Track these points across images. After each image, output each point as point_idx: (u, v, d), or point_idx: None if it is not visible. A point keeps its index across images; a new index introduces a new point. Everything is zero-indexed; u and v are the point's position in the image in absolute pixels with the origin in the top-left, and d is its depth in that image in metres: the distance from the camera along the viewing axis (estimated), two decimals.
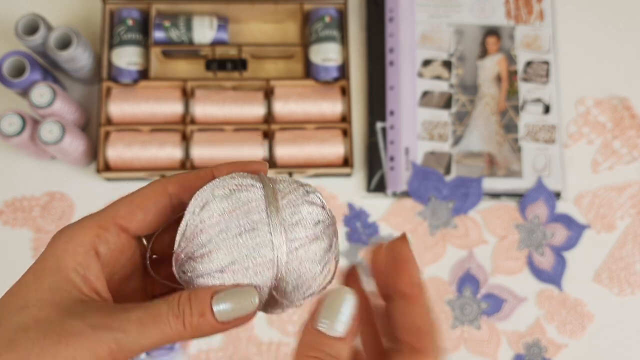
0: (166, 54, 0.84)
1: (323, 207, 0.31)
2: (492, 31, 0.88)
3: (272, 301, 0.30)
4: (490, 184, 0.83)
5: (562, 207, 0.84)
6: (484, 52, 0.87)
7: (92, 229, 0.29)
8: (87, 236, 0.29)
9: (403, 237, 0.30)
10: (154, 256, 0.33)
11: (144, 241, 0.33)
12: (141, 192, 0.31)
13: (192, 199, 0.30)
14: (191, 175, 0.31)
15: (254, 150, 0.80)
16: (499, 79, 0.86)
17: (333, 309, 0.27)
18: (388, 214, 0.83)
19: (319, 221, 0.30)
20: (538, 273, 0.82)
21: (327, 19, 0.83)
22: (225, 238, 0.28)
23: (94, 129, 0.83)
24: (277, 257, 0.28)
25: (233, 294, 0.27)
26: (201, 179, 0.31)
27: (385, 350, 0.30)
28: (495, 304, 0.81)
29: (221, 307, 0.27)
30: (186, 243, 0.29)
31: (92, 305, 0.27)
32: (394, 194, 0.83)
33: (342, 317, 0.27)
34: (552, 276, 0.82)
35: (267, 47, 0.84)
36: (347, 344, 0.27)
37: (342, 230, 0.82)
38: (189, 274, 0.30)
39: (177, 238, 0.30)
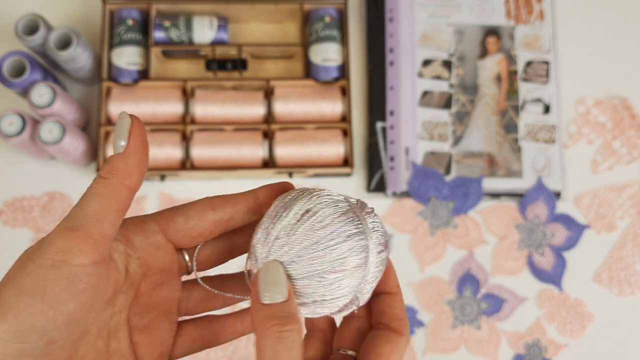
0: (166, 54, 0.84)
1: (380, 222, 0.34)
2: (492, 31, 0.88)
3: (350, 301, 0.32)
4: (490, 184, 0.83)
5: (562, 207, 0.84)
6: (484, 52, 0.87)
7: (135, 219, 0.32)
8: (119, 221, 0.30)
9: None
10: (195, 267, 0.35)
11: (186, 256, 0.34)
12: (186, 203, 0.33)
13: (288, 206, 0.31)
14: (235, 194, 0.33)
15: (254, 150, 0.80)
16: (499, 79, 0.86)
17: (269, 282, 0.30)
18: (388, 214, 0.83)
19: (384, 232, 0.33)
20: (538, 273, 0.82)
21: (327, 19, 0.83)
22: (321, 247, 0.31)
23: (94, 129, 0.83)
24: (369, 259, 0.31)
25: (115, 128, 0.30)
26: (245, 197, 0.33)
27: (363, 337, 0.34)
28: (495, 304, 0.81)
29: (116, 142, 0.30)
30: (283, 247, 0.31)
31: None
32: (394, 194, 0.83)
33: (280, 285, 0.30)
34: (552, 276, 0.82)
35: (267, 47, 0.84)
36: (292, 302, 0.30)
37: None
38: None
39: (264, 241, 0.31)
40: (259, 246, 0.31)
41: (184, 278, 0.35)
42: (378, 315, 0.33)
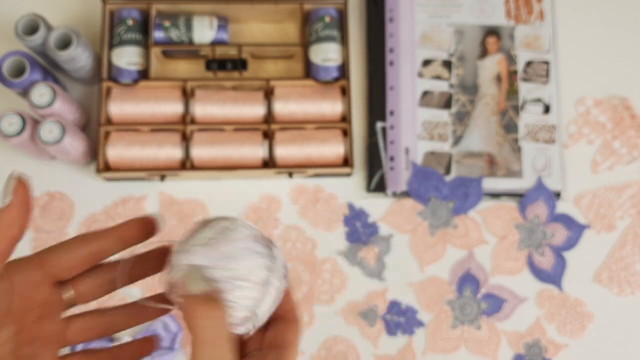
0: (166, 54, 0.84)
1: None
2: (492, 31, 0.88)
3: (248, 316, 0.36)
4: (490, 184, 0.83)
5: (562, 207, 0.84)
6: (484, 52, 0.87)
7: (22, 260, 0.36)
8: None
9: None
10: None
11: (70, 291, 0.37)
12: (64, 240, 0.37)
13: (208, 223, 0.36)
14: (107, 229, 0.38)
15: (254, 150, 0.80)
16: (499, 79, 0.86)
17: (194, 278, 0.34)
18: (388, 214, 0.83)
19: (285, 265, 0.38)
20: (538, 273, 0.82)
21: (327, 19, 0.83)
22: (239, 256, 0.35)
23: (94, 129, 0.83)
24: (271, 280, 0.35)
25: (4, 185, 0.34)
26: (116, 231, 0.37)
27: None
28: (495, 304, 0.81)
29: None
30: (198, 254, 0.35)
31: None
32: (394, 194, 0.83)
33: (201, 280, 0.34)
34: (552, 276, 0.82)
35: (267, 47, 0.84)
36: (215, 292, 0.34)
37: (342, 230, 0.82)
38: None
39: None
40: (179, 254, 0.35)
41: (72, 311, 0.38)
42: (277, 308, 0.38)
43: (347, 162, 0.82)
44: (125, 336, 0.75)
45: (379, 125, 0.84)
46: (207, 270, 0.34)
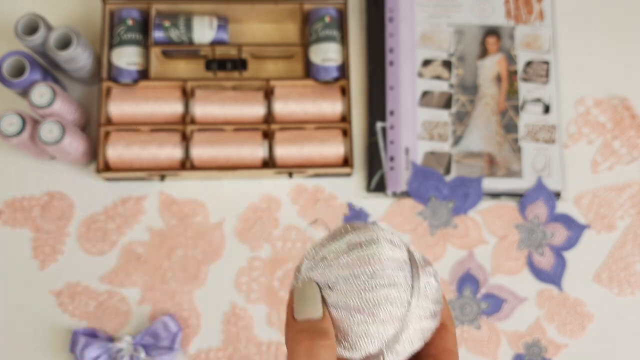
0: (166, 54, 0.84)
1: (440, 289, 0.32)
2: (492, 31, 0.88)
3: (374, 354, 0.30)
4: (490, 184, 0.83)
5: (562, 207, 0.84)
6: (484, 52, 0.87)
7: None
8: None
9: None
10: None
11: None
12: None
13: (347, 232, 0.31)
14: None
15: (254, 150, 0.80)
16: (499, 79, 0.86)
17: (305, 298, 0.30)
18: (388, 214, 0.83)
19: (438, 300, 0.31)
20: (538, 273, 0.82)
21: (327, 19, 0.83)
22: (367, 280, 0.29)
23: (94, 129, 0.83)
24: (408, 318, 0.29)
25: None
26: None
27: None
28: (495, 304, 0.81)
29: None
30: (325, 270, 0.30)
31: None
32: (394, 194, 0.83)
33: (315, 302, 0.29)
34: (552, 276, 0.82)
35: (267, 47, 0.84)
36: (326, 320, 0.29)
37: None
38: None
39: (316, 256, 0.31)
40: (306, 261, 0.31)
41: None
42: (427, 345, 0.32)
43: (347, 162, 0.82)
44: (125, 336, 0.75)
45: (379, 125, 0.84)
46: (328, 292, 0.29)
